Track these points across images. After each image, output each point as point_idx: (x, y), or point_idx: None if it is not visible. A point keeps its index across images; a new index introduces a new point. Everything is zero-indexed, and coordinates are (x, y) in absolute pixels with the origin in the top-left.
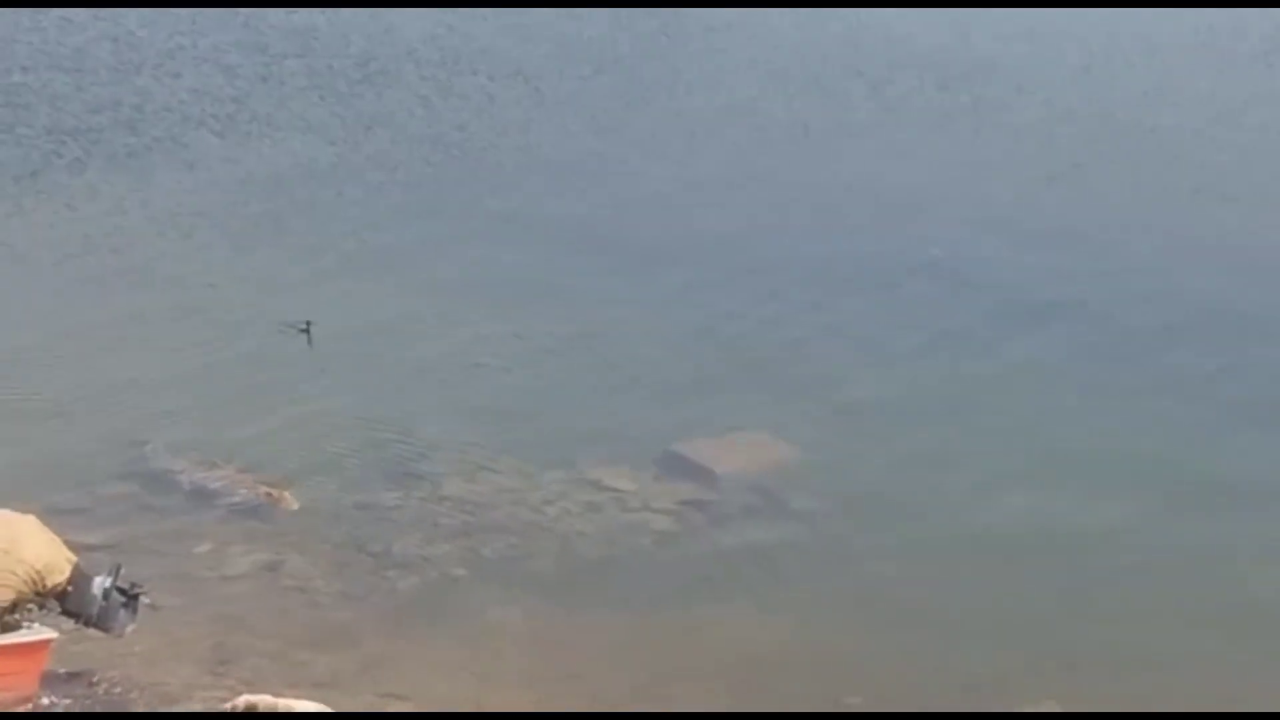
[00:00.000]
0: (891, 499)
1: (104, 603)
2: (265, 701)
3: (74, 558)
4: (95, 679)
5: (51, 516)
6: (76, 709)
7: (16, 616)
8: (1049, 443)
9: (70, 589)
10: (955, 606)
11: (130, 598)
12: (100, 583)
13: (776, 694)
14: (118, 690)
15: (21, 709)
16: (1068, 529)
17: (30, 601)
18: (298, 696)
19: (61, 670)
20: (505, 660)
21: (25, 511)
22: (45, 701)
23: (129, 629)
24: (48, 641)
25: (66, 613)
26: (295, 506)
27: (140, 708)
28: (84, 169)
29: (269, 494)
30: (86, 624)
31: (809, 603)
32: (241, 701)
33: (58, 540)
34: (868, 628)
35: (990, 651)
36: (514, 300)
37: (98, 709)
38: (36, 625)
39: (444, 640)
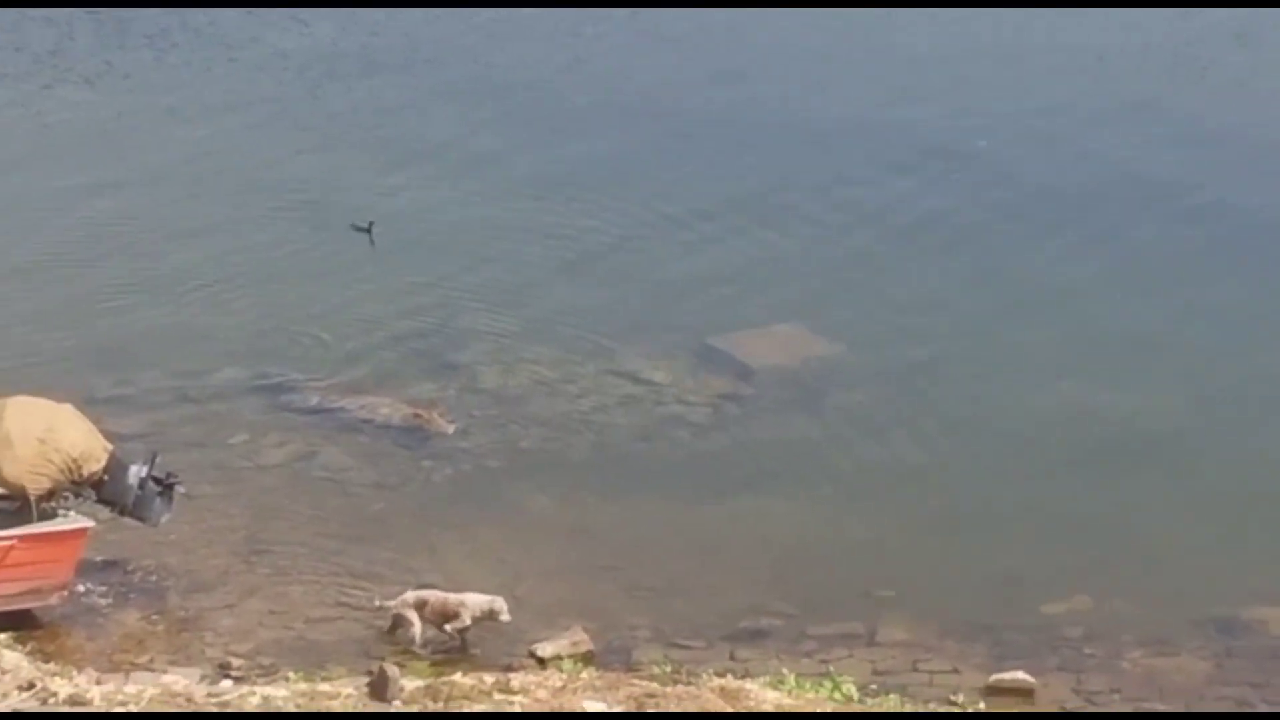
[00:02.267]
0: (929, 393)
1: (140, 491)
2: (435, 596)
3: (110, 447)
4: (130, 567)
5: (89, 406)
6: (112, 596)
7: (53, 504)
8: (1094, 336)
9: (106, 478)
10: (991, 502)
11: (166, 487)
12: (136, 472)
13: (810, 585)
14: (153, 578)
15: (58, 595)
16: (1110, 424)
17: (67, 490)
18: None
19: (98, 558)
20: (540, 550)
21: (62, 400)
22: (81, 588)
23: (164, 518)
24: (84, 529)
25: (102, 501)
26: (450, 429)
27: (175, 595)
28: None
29: (418, 415)
30: (122, 512)
31: (844, 496)
32: (410, 596)
33: (94, 429)
34: (902, 521)
35: (1024, 547)
36: (561, 199)
37: (133, 596)
38: (73, 513)
39: (479, 530)
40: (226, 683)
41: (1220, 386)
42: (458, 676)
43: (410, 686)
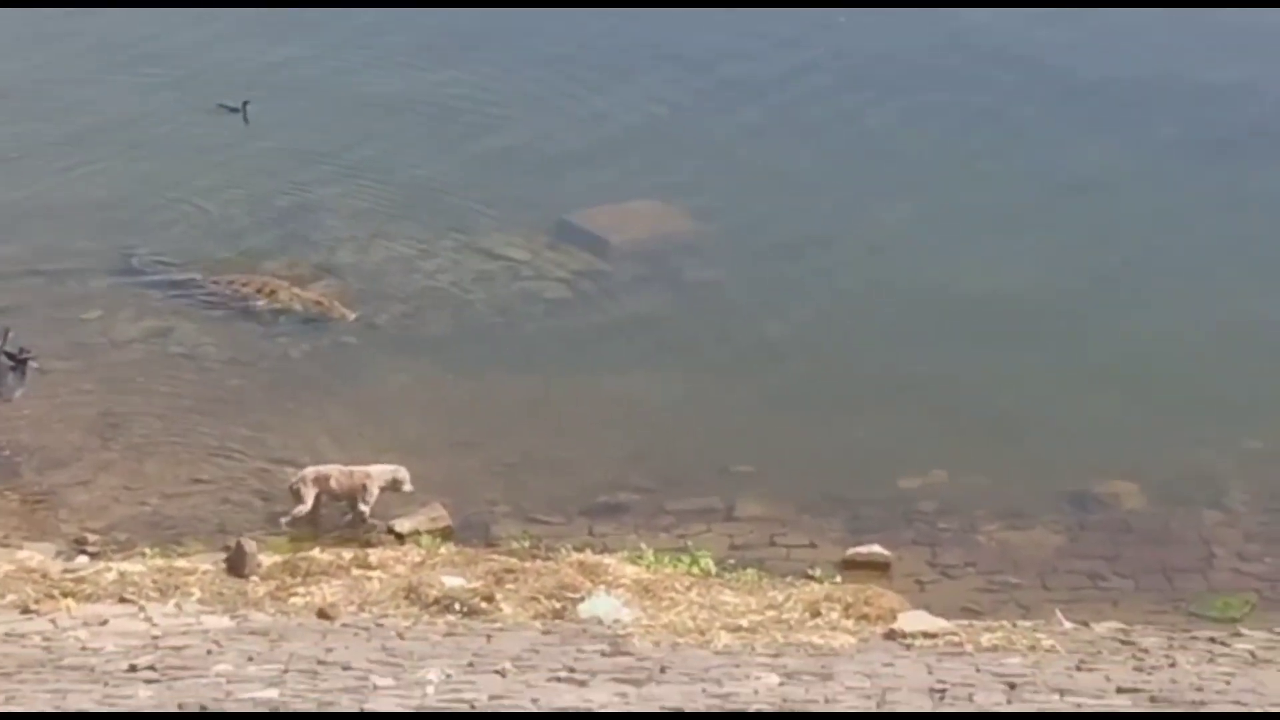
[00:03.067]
0: (789, 270)
1: None
2: (338, 470)
3: None
4: None
5: None
6: None
7: None
8: (962, 215)
9: None
10: (849, 377)
11: (19, 362)
12: None
13: (668, 461)
14: (5, 454)
15: None
16: (970, 301)
17: None
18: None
19: None
20: (398, 426)
21: None
22: None
23: (18, 393)
24: None
25: None
26: (352, 316)
27: (29, 472)
28: None
29: (319, 303)
30: None
31: (701, 372)
32: (310, 471)
33: None
34: (760, 397)
35: (881, 422)
36: (414, 66)
37: None
38: None
39: (337, 407)
40: (83, 558)
41: (1089, 264)
42: (315, 552)
43: (268, 562)
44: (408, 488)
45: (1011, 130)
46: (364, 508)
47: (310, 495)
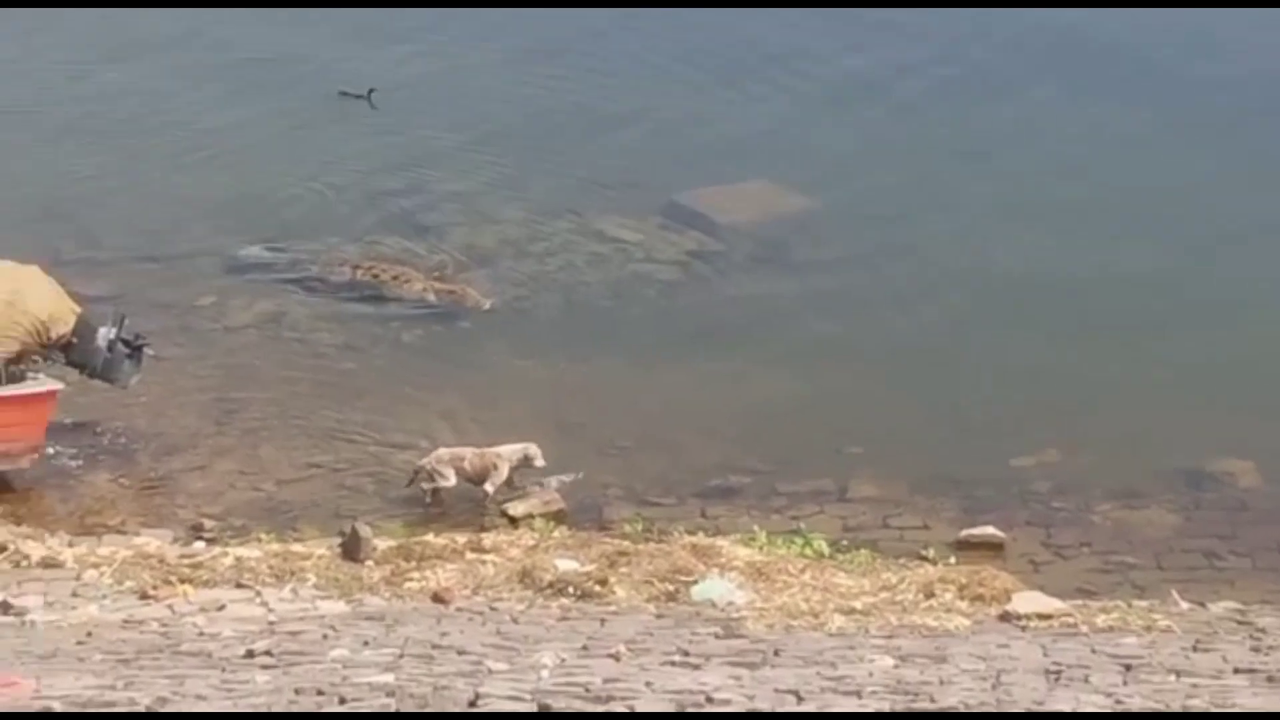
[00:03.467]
0: (899, 249)
1: (108, 354)
2: (470, 452)
3: (78, 309)
4: (100, 429)
5: (56, 268)
6: (82, 458)
7: (22, 367)
8: (1071, 191)
9: (75, 340)
10: (961, 357)
11: (134, 349)
12: (105, 334)
13: (780, 443)
14: (123, 441)
15: (29, 458)
16: (1081, 279)
17: (35, 353)
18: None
19: (67, 420)
20: (511, 409)
21: (28, 262)
22: (51, 451)
23: (133, 380)
24: (53, 392)
25: (71, 364)
26: (486, 305)
27: (145, 458)
28: None
29: (451, 292)
30: (91, 375)
31: (813, 352)
32: (445, 453)
33: (62, 291)
34: (872, 378)
35: (993, 402)
36: (536, 59)
37: (103, 458)
38: (42, 376)
39: (448, 390)
40: (199, 544)
41: (1196, 243)
42: (430, 537)
43: (382, 546)
44: (540, 463)
45: (1120, 112)
46: (489, 488)
47: (450, 474)
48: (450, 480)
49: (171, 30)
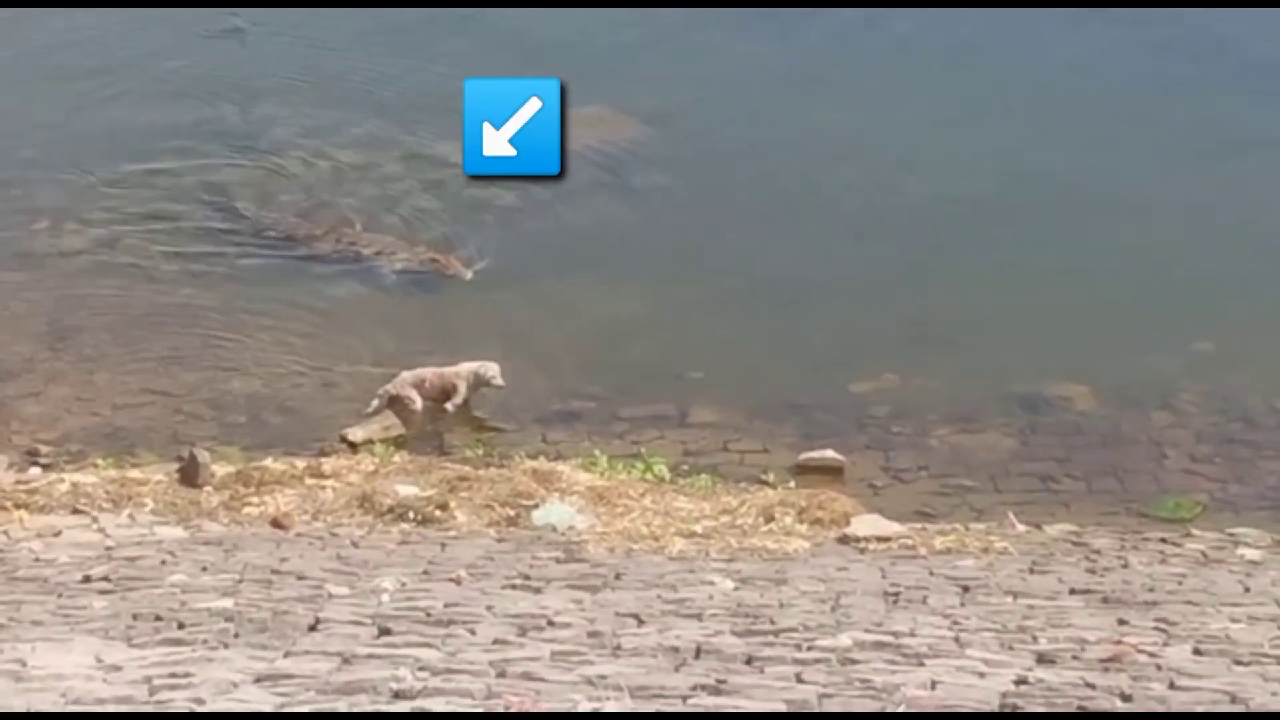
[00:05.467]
0: (741, 174)
1: None
2: (431, 372)
3: None
4: None
5: None
6: None
7: None
8: (919, 111)
9: None
10: (800, 282)
11: None
12: None
13: (621, 368)
14: None
15: None
16: (919, 203)
17: None
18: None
19: None
20: (352, 336)
21: None
22: None
23: None
24: None
25: None
26: (468, 275)
27: None
28: None
29: (434, 260)
30: None
31: (654, 278)
32: (409, 376)
33: None
34: (713, 303)
35: (833, 327)
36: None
37: None
38: None
39: (288, 316)
40: (34, 469)
41: (1040, 168)
42: (268, 462)
43: (221, 472)
44: (498, 382)
45: (971, 33)
46: (450, 408)
47: (417, 397)
48: (418, 403)
49: None
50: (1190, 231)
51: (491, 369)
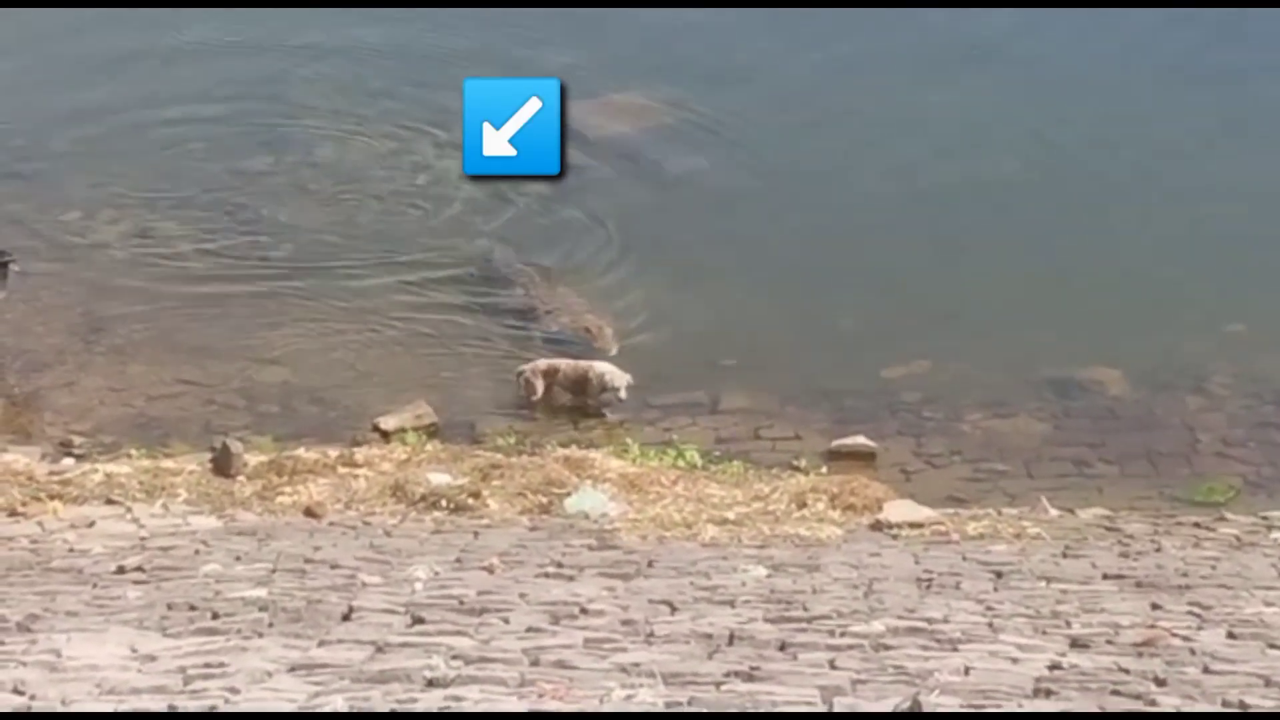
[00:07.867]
0: (771, 160)
1: None
2: (566, 364)
3: None
4: None
5: None
6: None
7: None
8: (939, 96)
9: None
10: (832, 268)
11: (0, 265)
12: None
13: (653, 356)
14: None
15: None
16: (952, 188)
17: None
18: None
19: None
20: (381, 329)
21: None
22: None
23: (0, 296)
24: None
25: None
26: (614, 350)
27: (11, 375)
28: None
29: (588, 330)
30: None
31: (686, 265)
32: (542, 363)
33: None
34: (745, 291)
35: (864, 313)
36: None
37: None
38: None
39: (320, 306)
40: (68, 460)
41: (1073, 156)
42: (301, 451)
43: (253, 461)
44: (622, 395)
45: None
46: (591, 398)
47: (540, 386)
48: (538, 392)
49: None
50: (1221, 214)
51: (621, 379)
